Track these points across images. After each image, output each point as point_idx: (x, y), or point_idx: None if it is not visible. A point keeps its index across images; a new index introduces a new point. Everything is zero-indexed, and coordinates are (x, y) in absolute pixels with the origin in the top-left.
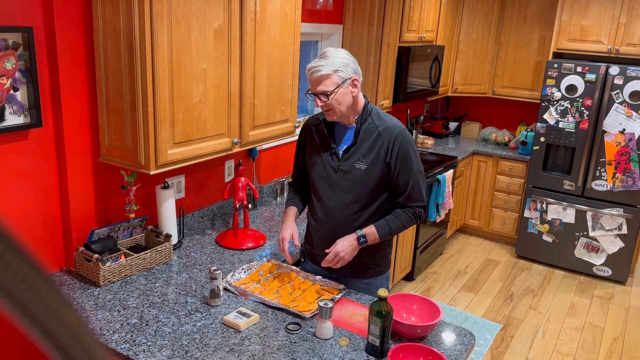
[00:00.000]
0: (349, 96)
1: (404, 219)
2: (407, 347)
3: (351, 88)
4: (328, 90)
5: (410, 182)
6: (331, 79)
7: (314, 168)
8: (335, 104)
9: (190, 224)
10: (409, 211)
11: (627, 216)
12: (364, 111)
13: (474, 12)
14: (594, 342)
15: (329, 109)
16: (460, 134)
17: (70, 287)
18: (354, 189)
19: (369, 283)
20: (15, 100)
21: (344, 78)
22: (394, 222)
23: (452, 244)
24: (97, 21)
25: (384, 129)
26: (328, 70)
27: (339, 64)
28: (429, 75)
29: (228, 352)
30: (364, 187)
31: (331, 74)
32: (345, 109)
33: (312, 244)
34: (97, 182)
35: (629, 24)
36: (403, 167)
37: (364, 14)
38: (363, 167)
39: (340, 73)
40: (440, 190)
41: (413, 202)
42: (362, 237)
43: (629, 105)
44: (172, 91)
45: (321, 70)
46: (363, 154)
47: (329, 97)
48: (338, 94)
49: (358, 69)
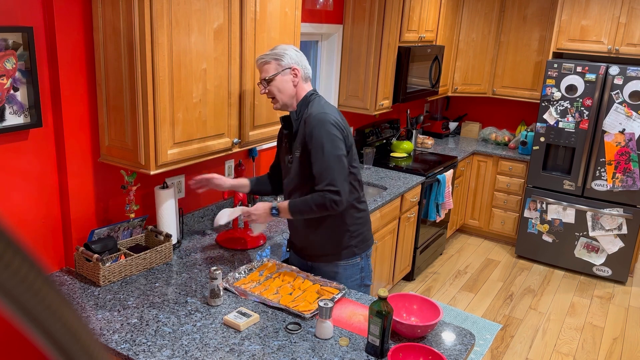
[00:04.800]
0: (289, 84)
1: (315, 200)
2: (407, 347)
3: (292, 77)
4: (267, 76)
5: (322, 166)
6: (271, 65)
7: (281, 162)
8: (276, 91)
9: (190, 224)
10: (320, 194)
11: (627, 216)
12: (303, 101)
13: (474, 12)
14: (594, 342)
15: (271, 96)
16: (460, 134)
17: (70, 287)
18: (295, 177)
19: (337, 272)
20: (15, 100)
21: (283, 66)
22: (304, 202)
23: (452, 244)
24: (97, 21)
25: (309, 116)
26: (269, 59)
27: (280, 53)
28: (429, 75)
29: (228, 352)
30: (301, 175)
31: (271, 61)
32: (287, 98)
33: (290, 234)
34: (97, 182)
35: (629, 24)
36: (315, 150)
37: (364, 14)
38: (297, 155)
39: (280, 62)
40: (440, 190)
41: (324, 184)
42: (274, 209)
43: (629, 105)
44: (172, 91)
45: (263, 58)
46: (299, 143)
47: (268, 83)
48: (277, 81)
49: (302, 62)
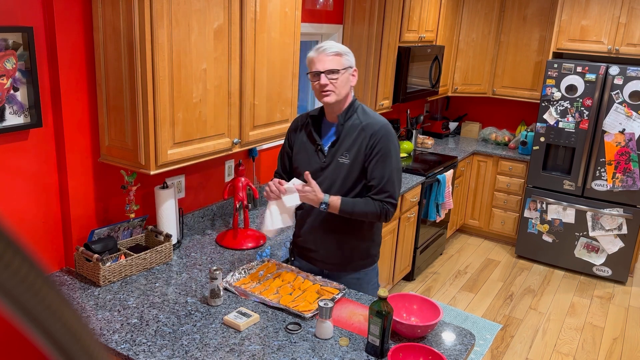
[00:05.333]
0: (348, 85)
1: (370, 208)
2: (407, 347)
3: (351, 78)
4: (337, 68)
5: (385, 177)
6: (341, 60)
7: (301, 164)
8: (340, 85)
9: (190, 224)
10: (378, 204)
11: (627, 216)
12: (351, 107)
13: (474, 12)
14: (594, 342)
15: (330, 89)
16: (460, 134)
17: (70, 287)
18: (337, 182)
19: (359, 278)
20: (15, 100)
21: (349, 64)
22: (359, 206)
23: (452, 244)
24: (97, 21)
25: (367, 124)
26: (341, 51)
27: (348, 51)
28: (429, 75)
29: (228, 352)
30: (347, 180)
31: (342, 54)
32: (342, 96)
33: (301, 239)
34: (97, 182)
35: (629, 24)
36: (381, 161)
37: (364, 14)
38: (347, 161)
39: (347, 57)
40: (440, 190)
41: (384, 195)
42: (324, 204)
43: (629, 105)
44: (172, 91)
45: (334, 49)
46: (347, 149)
47: (337, 75)
48: (342, 77)
49: None
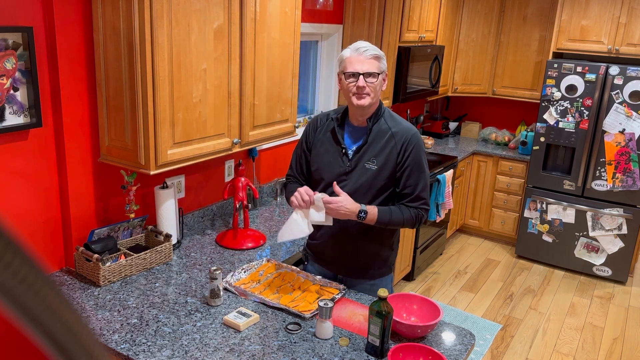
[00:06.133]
0: (380, 89)
1: (406, 215)
2: (407, 347)
3: (383, 83)
4: (377, 72)
5: (419, 185)
6: (379, 63)
7: (322, 166)
8: (376, 89)
9: (190, 224)
10: (413, 211)
11: (627, 216)
12: (378, 111)
13: (474, 12)
14: (594, 342)
15: (369, 92)
16: (460, 134)
17: (70, 287)
18: (362, 187)
19: (374, 284)
20: (15, 100)
21: (385, 69)
22: (396, 214)
23: (452, 244)
24: (97, 21)
25: (398, 131)
26: (378, 53)
27: (383, 54)
28: (429, 75)
29: (228, 352)
30: (372, 187)
31: (380, 58)
32: (375, 100)
33: (317, 244)
34: (97, 182)
35: (629, 24)
36: (415, 170)
37: (364, 14)
38: (374, 167)
39: (384, 61)
40: (440, 190)
41: (419, 203)
42: (362, 213)
43: (629, 105)
44: (172, 91)
45: (373, 51)
46: (374, 154)
47: (375, 79)
48: (379, 81)
49: None
